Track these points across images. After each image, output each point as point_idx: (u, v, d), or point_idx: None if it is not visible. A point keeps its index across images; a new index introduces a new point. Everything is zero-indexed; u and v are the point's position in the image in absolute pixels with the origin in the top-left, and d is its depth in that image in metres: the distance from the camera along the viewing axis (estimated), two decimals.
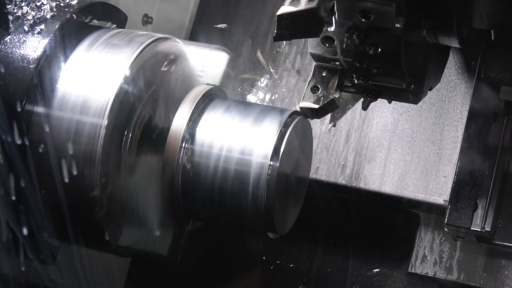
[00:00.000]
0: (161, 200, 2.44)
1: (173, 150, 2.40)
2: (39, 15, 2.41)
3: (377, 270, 3.03)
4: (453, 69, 2.91)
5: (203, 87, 2.51)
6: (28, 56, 2.34)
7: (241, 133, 2.40)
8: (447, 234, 2.83)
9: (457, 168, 2.70)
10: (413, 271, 2.91)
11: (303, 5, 2.16)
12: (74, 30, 2.43)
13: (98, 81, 2.36)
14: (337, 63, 2.44)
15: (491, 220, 2.66)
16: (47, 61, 2.35)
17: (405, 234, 2.97)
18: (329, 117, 2.88)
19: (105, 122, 2.30)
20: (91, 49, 2.43)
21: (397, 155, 2.92)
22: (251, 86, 3.09)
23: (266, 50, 3.17)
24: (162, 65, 2.47)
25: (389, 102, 2.61)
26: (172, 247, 2.59)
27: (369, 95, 2.51)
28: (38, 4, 2.43)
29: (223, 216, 2.46)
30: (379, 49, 2.34)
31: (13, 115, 2.28)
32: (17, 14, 2.42)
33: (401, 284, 2.99)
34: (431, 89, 2.61)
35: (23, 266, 2.41)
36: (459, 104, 2.90)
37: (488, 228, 2.65)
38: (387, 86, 2.48)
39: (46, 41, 2.36)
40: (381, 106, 2.95)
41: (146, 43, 2.45)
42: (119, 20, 2.67)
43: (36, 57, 2.33)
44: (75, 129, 2.32)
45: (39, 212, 2.32)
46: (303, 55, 3.10)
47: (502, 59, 2.71)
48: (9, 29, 2.39)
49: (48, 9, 2.42)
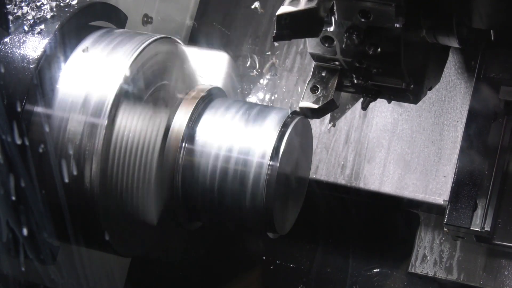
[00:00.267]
0: (161, 200, 2.44)
1: (173, 150, 2.40)
2: (39, 15, 2.41)
3: (377, 270, 3.02)
4: (452, 69, 2.91)
5: (203, 87, 2.51)
6: (28, 56, 2.34)
7: (241, 133, 2.41)
8: (447, 234, 2.83)
9: (456, 168, 2.70)
10: (413, 271, 2.90)
11: (302, 5, 2.16)
12: (74, 30, 2.43)
13: (98, 81, 2.36)
14: (336, 63, 2.44)
15: (490, 220, 2.66)
16: (47, 61, 2.35)
17: (405, 234, 2.97)
18: (328, 117, 2.88)
19: (105, 122, 2.30)
20: (91, 49, 2.43)
21: (396, 155, 2.92)
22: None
23: (265, 50, 3.17)
24: (162, 65, 2.47)
25: (389, 102, 2.61)
26: (172, 247, 2.60)
27: (369, 95, 2.51)
28: (38, 4, 2.43)
29: (223, 216, 2.46)
30: (379, 49, 2.33)
31: (13, 115, 2.28)
32: (17, 14, 2.42)
33: (401, 284, 2.99)
34: (430, 89, 2.61)
35: (23, 266, 2.41)
36: (458, 104, 2.90)
37: (487, 228, 2.65)
38: (387, 86, 2.48)
39: (46, 41, 2.36)
40: (381, 106, 2.95)
41: (146, 43, 2.45)
42: (119, 20, 2.67)
43: (36, 57, 2.33)
44: (75, 129, 2.32)
45: (39, 212, 2.32)
46: (302, 55, 3.10)
47: (501, 59, 2.71)
48: (9, 29, 2.39)
49: (48, 9, 2.42)
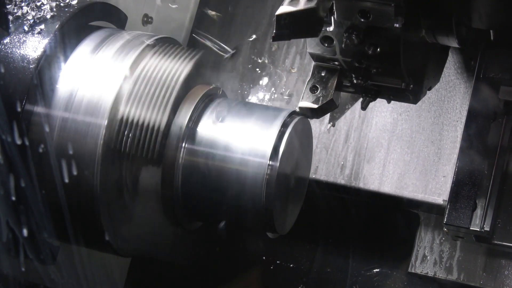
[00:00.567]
0: (161, 200, 2.44)
1: (173, 150, 2.40)
2: (39, 15, 2.41)
3: (377, 270, 3.02)
4: (452, 69, 2.91)
5: (203, 87, 2.51)
6: (28, 56, 2.34)
7: (240, 132, 2.41)
8: (446, 234, 2.83)
9: (456, 168, 2.70)
10: (413, 271, 2.90)
11: (302, 5, 2.16)
12: (74, 30, 2.44)
13: (98, 81, 2.36)
14: (336, 63, 2.44)
15: (490, 220, 2.65)
16: (47, 61, 2.36)
17: (405, 234, 2.96)
18: (328, 117, 2.89)
19: (105, 122, 2.31)
20: (91, 49, 2.44)
21: (396, 155, 2.92)
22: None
23: (265, 50, 3.17)
24: None
25: (388, 102, 2.61)
26: (172, 247, 2.59)
27: (368, 95, 2.51)
28: (38, 4, 2.43)
29: (223, 216, 2.45)
30: (378, 49, 2.33)
31: (13, 115, 2.28)
32: (17, 14, 2.42)
33: (401, 284, 2.99)
34: (430, 89, 2.61)
35: (23, 266, 2.41)
36: (458, 104, 2.90)
37: (487, 228, 2.65)
38: (386, 86, 2.48)
39: (46, 41, 2.36)
40: (380, 106, 2.95)
41: (146, 43, 2.45)
42: (119, 20, 2.67)
43: (36, 57, 2.34)
44: (75, 129, 2.32)
45: (39, 212, 2.33)
46: (302, 55, 3.10)
47: (501, 59, 2.70)
48: (9, 29, 2.39)
49: (48, 9, 2.42)
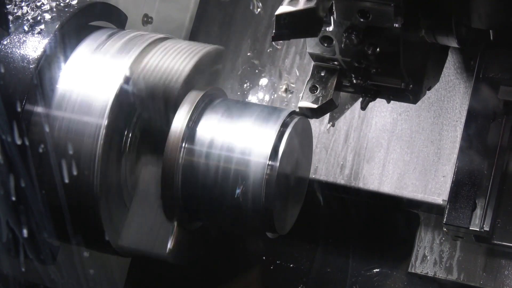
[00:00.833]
0: (161, 200, 2.44)
1: (173, 150, 2.40)
2: (39, 15, 2.41)
3: (377, 270, 3.02)
4: (452, 69, 2.91)
5: (203, 87, 2.51)
6: (28, 56, 2.34)
7: (240, 133, 2.41)
8: (446, 234, 2.83)
9: (456, 168, 2.70)
10: (413, 271, 2.90)
11: (301, 5, 2.16)
12: (74, 30, 2.44)
13: (98, 81, 2.36)
14: (335, 63, 2.44)
15: (490, 220, 2.65)
16: (47, 61, 2.36)
17: (405, 234, 2.97)
18: (328, 117, 2.89)
19: (105, 122, 2.31)
20: (91, 49, 2.44)
21: (396, 155, 2.91)
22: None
23: (265, 50, 3.17)
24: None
25: (388, 102, 2.61)
26: (172, 247, 2.59)
27: (368, 95, 2.51)
28: (38, 4, 2.43)
29: (223, 216, 2.46)
30: (378, 49, 2.33)
31: (13, 115, 2.28)
32: (17, 14, 2.42)
33: (401, 284, 2.99)
34: (429, 88, 2.61)
35: (23, 266, 2.41)
36: (458, 104, 2.90)
37: (487, 228, 2.64)
38: (386, 86, 2.48)
39: (46, 41, 2.36)
40: (380, 106, 2.95)
41: (146, 43, 2.46)
42: (119, 20, 2.67)
43: (36, 57, 2.34)
44: (75, 129, 2.33)
45: (39, 212, 2.33)
46: (301, 55, 3.10)
47: (501, 59, 2.70)
48: (9, 29, 2.39)
49: (48, 9, 2.42)
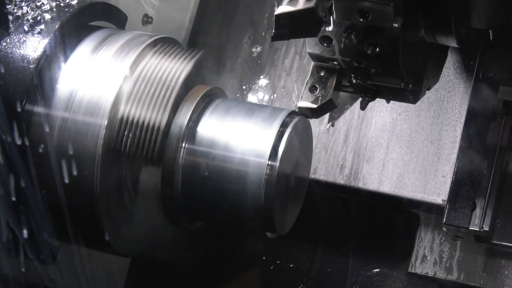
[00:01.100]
0: (161, 200, 2.44)
1: (173, 150, 2.40)
2: (39, 15, 2.41)
3: (377, 270, 3.02)
4: (451, 68, 2.91)
5: (203, 87, 2.51)
6: (28, 56, 2.34)
7: (240, 132, 2.41)
8: (446, 234, 2.83)
9: (455, 168, 2.70)
10: (413, 271, 2.90)
11: (301, 4, 2.16)
12: (74, 30, 2.44)
13: (98, 81, 2.36)
14: (335, 62, 2.44)
15: (489, 219, 2.65)
16: (47, 61, 2.36)
17: (405, 234, 2.97)
18: (327, 117, 2.89)
19: (105, 122, 2.31)
20: (91, 49, 2.44)
21: (395, 155, 2.91)
22: None
23: (264, 50, 3.17)
24: None
25: (388, 102, 2.61)
26: (172, 247, 2.60)
27: (367, 94, 2.51)
28: (38, 4, 2.43)
29: (223, 216, 2.46)
30: (377, 49, 2.34)
31: (13, 115, 2.28)
32: (17, 14, 2.42)
33: (401, 284, 2.99)
34: (429, 88, 2.61)
35: (23, 266, 2.41)
36: (457, 104, 2.90)
37: (486, 228, 2.65)
38: (386, 86, 2.48)
39: (46, 41, 2.36)
40: (380, 106, 2.95)
41: (146, 43, 2.46)
42: (119, 20, 2.67)
43: (36, 57, 2.34)
44: (75, 129, 2.33)
45: (39, 212, 2.33)
46: (301, 55, 3.10)
47: (500, 59, 2.70)
48: (9, 29, 2.39)
49: (48, 9, 2.42)
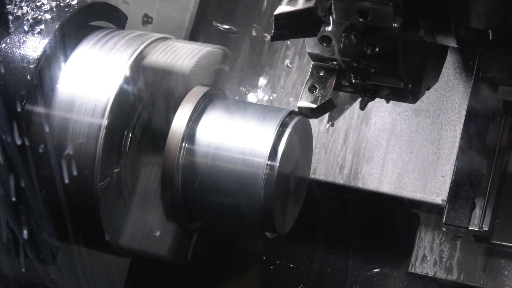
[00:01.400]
0: (161, 200, 2.44)
1: (173, 150, 2.40)
2: (39, 15, 2.41)
3: (377, 270, 3.02)
4: (451, 68, 2.91)
5: (203, 87, 2.52)
6: (28, 56, 2.34)
7: (240, 132, 2.41)
8: (445, 234, 2.83)
9: (455, 168, 2.70)
10: (413, 271, 2.90)
11: (300, 4, 2.16)
12: (74, 30, 2.44)
13: (98, 81, 2.36)
14: (334, 62, 2.44)
15: (489, 219, 2.65)
16: (47, 61, 2.36)
17: (405, 234, 2.97)
18: (327, 117, 2.89)
19: (105, 122, 2.31)
20: (91, 49, 2.44)
21: (395, 154, 2.91)
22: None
23: (264, 50, 3.17)
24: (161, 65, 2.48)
25: (387, 102, 2.61)
26: (172, 247, 2.60)
27: (367, 94, 2.51)
28: (38, 4, 2.43)
29: (223, 216, 2.46)
30: (377, 49, 2.34)
31: (13, 115, 2.28)
32: (17, 14, 2.43)
33: (401, 284, 2.99)
34: (429, 88, 2.61)
35: (23, 266, 2.41)
36: (457, 104, 2.90)
37: (486, 228, 2.65)
38: (385, 85, 2.48)
39: (46, 41, 2.36)
40: (379, 105, 2.95)
41: (146, 43, 2.46)
42: (119, 20, 2.67)
43: (36, 57, 2.34)
44: (75, 129, 2.33)
45: (39, 212, 2.33)
46: (301, 55, 3.10)
47: (500, 58, 2.70)
48: (9, 29, 2.39)
49: (48, 9, 2.42)
